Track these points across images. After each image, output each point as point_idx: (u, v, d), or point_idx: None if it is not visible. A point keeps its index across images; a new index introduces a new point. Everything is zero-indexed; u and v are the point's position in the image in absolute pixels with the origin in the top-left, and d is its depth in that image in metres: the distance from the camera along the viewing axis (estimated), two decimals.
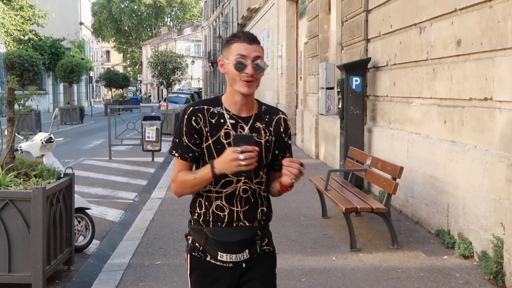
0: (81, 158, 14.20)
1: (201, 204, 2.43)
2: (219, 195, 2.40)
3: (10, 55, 23.77)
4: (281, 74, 19.30)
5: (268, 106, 2.53)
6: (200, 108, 2.40)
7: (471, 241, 5.52)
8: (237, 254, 2.40)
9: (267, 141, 2.43)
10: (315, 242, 6.25)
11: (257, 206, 2.46)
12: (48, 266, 4.72)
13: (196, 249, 2.46)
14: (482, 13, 5.36)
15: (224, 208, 2.40)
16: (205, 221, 2.41)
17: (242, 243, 2.39)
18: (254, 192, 2.44)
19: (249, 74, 2.31)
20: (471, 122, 5.60)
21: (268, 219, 2.53)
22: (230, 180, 2.38)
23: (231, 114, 2.40)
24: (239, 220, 2.41)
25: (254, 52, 2.33)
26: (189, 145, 2.39)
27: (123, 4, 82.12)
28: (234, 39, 2.36)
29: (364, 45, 9.27)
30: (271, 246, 2.55)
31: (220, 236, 2.38)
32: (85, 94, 53.52)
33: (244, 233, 2.40)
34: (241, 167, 2.17)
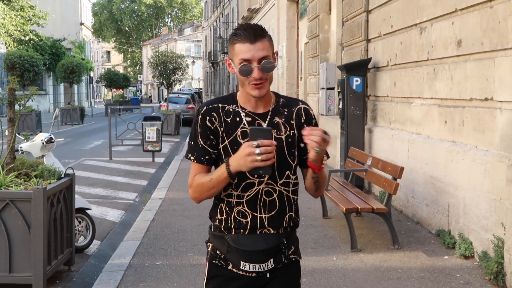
0: (82, 159, 14.20)
1: (222, 210, 2.25)
2: (240, 200, 2.21)
3: (10, 55, 23.78)
4: (282, 74, 19.31)
5: (287, 98, 2.33)
6: (215, 106, 2.24)
7: (471, 241, 5.51)
8: (260, 264, 2.21)
9: (289, 136, 2.23)
10: (316, 242, 6.25)
11: (285, 211, 2.25)
12: (49, 267, 4.71)
13: (217, 257, 2.28)
14: (482, 13, 5.36)
15: (246, 215, 2.22)
16: (226, 228, 2.24)
17: (266, 252, 2.21)
18: (280, 195, 2.24)
19: (256, 78, 2.13)
20: (472, 122, 5.60)
21: (295, 226, 2.33)
22: (251, 182, 2.19)
23: (247, 111, 2.23)
24: (263, 227, 2.22)
25: (259, 53, 2.12)
26: (205, 147, 2.22)
27: (123, 4, 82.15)
28: (236, 39, 2.15)
29: (364, 45, 9.27)
30: (298, 254, 2.36)
31: (242, 245, 2.20)
32: (85, 94, 53.54)
33: (269, 242, 2.21)
34: (257, 162, 2.00)
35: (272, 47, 2.19)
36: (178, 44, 74.52)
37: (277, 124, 2.23)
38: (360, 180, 8.36)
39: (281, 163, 2.21)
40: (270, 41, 2.19)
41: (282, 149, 2.21)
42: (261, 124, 2.21)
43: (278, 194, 2.23)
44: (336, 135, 10.61)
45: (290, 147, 2.23)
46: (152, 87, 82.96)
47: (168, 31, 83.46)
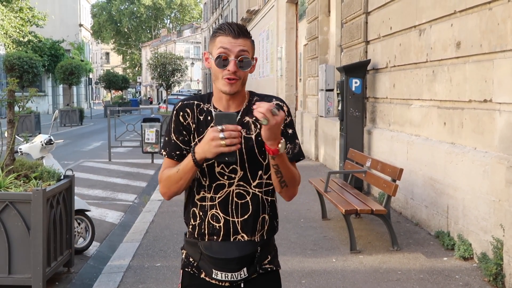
0: (81, 160, 14.20)
1: (196, 214, 2.21)
2: (213, 203, 2.16)
3: (9, 56, 23.79)
4: (281, 76, 19.30)
5: (262, 96, 2.27)
6: (190, 103, 2.22)
7: (471, 243, 5.52)
8: (233, 273, 2.15)
9: (258, 135, 2.15)
10: (315, 244, 6.25)
11: (258, 214, 2.19)
12: (48, 268, 4.71)
13: (190, 264, 2.23)
14: (481, 15, 5.37)
15: (219, 218, 2.16)
16: (200, 234, 2.19)
17: (239, 261, 2.14)
18: (254, 197, 2.18)
19: (230, 72, 2.10)
20: (471, 124, 5.61)
21: (272, 231, 2.26)
22: (222, 183, 2.15)
23: (218, 111, 2.19)
24: (236, 233, 2.16)
25: (239, 47, 2.10)
26: (177, 142, 2.19)
27: (122, 6, 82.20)
28: (219, 32, 2.14)
29: (363, 47, 9.28)
30: (275, 264, 2.27)
31: (214, 252, 2.15)
32: (84, 95, 53.51)
33: (242, 250, 2.15)
34: (222, 147, 1.93)
35: (252, 50, 2.17)
36: (177, 46, 74.55)
37: (247, 123, 2.19)
38: (359, 182, 8.36)
39: (253, 163, 2.16)
40: (252, 44, 2.18)
41: (253, 149, 2.16)
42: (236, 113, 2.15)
43: (252, 196, 2.18)
44: (335, 136, 10.62)
45: (260, 146, 2.16)
46: (151, 88, 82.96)
47: (167, 33, 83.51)
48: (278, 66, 19.77)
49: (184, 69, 24.86)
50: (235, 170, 2.15)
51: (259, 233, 2.20)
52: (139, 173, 12.20)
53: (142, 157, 14.13)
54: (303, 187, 9.01)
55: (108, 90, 48.28)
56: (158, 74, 23.92)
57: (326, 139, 12.03)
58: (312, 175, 9.95)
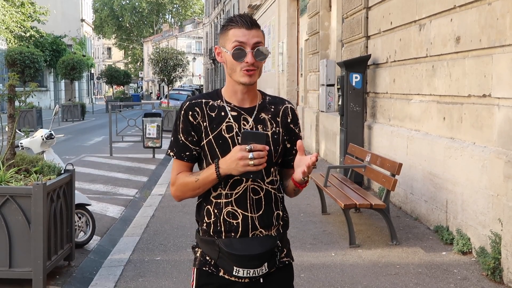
0: (82, 155, 14.23)
1: (210, 212, 2.17)
2: (228, 200, 2.14)
3: (11, 52, 23.84)
4: (282, 71, 19.31)
5: (273, 97, 2.30)
6: (198, 102, 2.19)
7: (469, 237, 5.54)
8: (255, 269, 2.12)
9: (274, 133, 2.19)
10: (315, 238, 6.28)
11: (272, 210, 2.19)
12: (49, 262, 4.74)
13: (207, 263, 2.18)
14: (481, 10, 5.38)
15: (236, 215, 2.13)
16: (216, 232, 2.15)
17: (261, 257, 2.12)
18: (267, 193, 2.18)
19: (249, 63, 2.09)
20: (470, 119, 5.62)
21: (286, 226, 2.27)
22: (239, 179, 2.12)
23: (233, 106, 2.18)
24: (255, 228, 2.14)
25: (254, 38, 2.10)
26: (186, 143, 2.17)
27: (124, 1, 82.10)
28: (231, 25, 2.13)
29: (364, 42, 9.28)
30: (291, 257, 2.29)
31: (236, 250, 2.11)
32: (86, 91, 53.54)
33: (263, 245, 2.13)
34: (249, 167, 1.95)
35: (264, 40, 2.17)
36: (179, 41, 74.50)
37: (263, 120, 2.20)
38: (359, 177, 8.38)
39: (267, 160, 2.10)
40: (263, 34, 2.18)
41: (268, 145, 2.14)
42: (247, 119, 2.17)
43: (265, 192, 2.18)
44: (336, 131, 10.63)
45: (275, 144, 2.18)
46: (153, 83, 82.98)
47: (169, 28, 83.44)
48: (280, 61, 19.77)
49: (185, 64, 24.88)
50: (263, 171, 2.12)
51: (275, 228, 2.20)
52: (140, 168, 12.23)
53: (143, 152, 14.16)
54: None
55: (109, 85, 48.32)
56: (159, 69, 23.95)
57: (327, 134, 12.04)
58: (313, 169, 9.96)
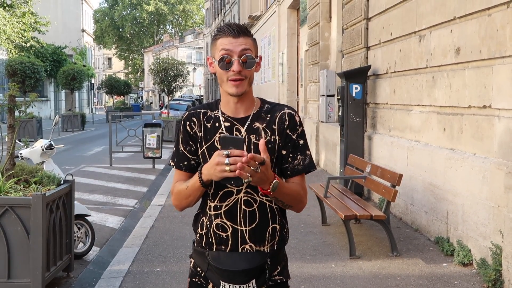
0: (82, 165, 14.22)
1: (203, 223, 2.17)
2: (218, 212, 2.12)
3: (12, 62, 23.86)
4: (282, 81, 19.34)
5: (273, 104, 2.22)
6: (196, 112, 2.20)
7: (470, 249, 5.52)
8: (241, 285, 2.10)
9: (269, 142, 2.12)
10: (315, 249, 6.25)
11: (267, 223, 2.13)
12: (48, 273, 4.72)
13: (197, 274, 2.20)
14: (481, 21, 5.39)
15: (226, 228, 2.11)
16: (207, 244, 2.15)
17: (248, 273, 2.09)
18: (261, 205, 2.12)
19: (235, 72, 2.06)
20: (470, 129, 5.61)
21: (282, 242, 2.19)
22: (230, 190, 2.10)
23: (226, 116, 2.16)
24: (244, 242, 2.11)
25: (241, 46, 2.07)
26: (184, 152, 2.18)
27: (125, 11, 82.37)
28: (219, 34, 2.11)
29: (364, 52, 9.30)
30: (284, 275, 2.20)
31: (222, 264, 2.09)
32: (86, 101, 53.61)
33: (250, 262, 2.09)
34: (226, 173, 1.88)
35: (255, 48, 2.13)
36: (179, 51, 74.66)
37: (256, 129, 2.14)
38: (359, 187, 8.36)
39: None
40: (254, 42, 2.14)
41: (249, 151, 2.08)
42: (239, 129, 2.13)
43: (259, 204, 2.12)
44: (336, 142, 10.63)
45: (270, 154, 2.07)
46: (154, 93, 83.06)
47: (169, 38, 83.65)
48: (280, 72, 19.82)
49: (185, 74, 24.89)
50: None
51: (268, 244, 2.14)
52: (140, 178, 12.22)
53: (143, 162, 14.14)
54: None
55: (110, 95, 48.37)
56: (160, 79, 23.97)
57: (327, 144, 12.04)
58: (313, 180, 9.94)
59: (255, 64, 2.11)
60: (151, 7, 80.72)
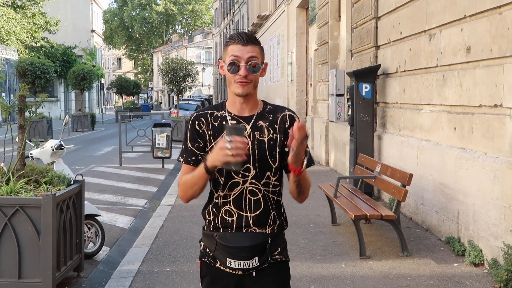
0: (92, 165, 14.27)
1: (210, 211, 2.41)
2: (227, 200, 2.37)
3: (22, 62, 24.00)
4: (291, 81, 19.31)
5: (275, 106, 2.48)
6: (204, 113, 2.43)
7: (481, 249, 5.48)
8: (245, 261, 2.34)
9: (271, 139, 2.37)
10: (325, 249, 6.24)
11: (269, 210, 2.39)
12: (58, 273, 4.73)
13: (206, 255, 2.44)
14: (491, 19, 5.35)
15: (232, 213, 2.37)
16: (215, 227, 2.39)
17: (251, 249, 2.34)
18: (264, 195, 2.37)
19: (242, 76, 2.31)
20: (481, 129, 5.58)
21: (281, 227, 2.45)
22: (236, 181, 2.35)
23: (233, 115, 2.40)
24: (248, 226, 2.36)
25: (248, 53, 2.31)
26: (193, 149, 2.40)
27: (134, 11, 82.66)
28: (230, 41, 2.36)
29: (373, 51, 9.26)
30: (284, 255, 2.46)
31: (228, 241, 2.35)
32: (96, 101, 53.83)
33: (253, 239, 2.35)
34: (228, 157, 2.10)
35: (262, 56, 2.38)
36: (188, 51, 74.82)
37: (260, 127, 2.39)
38: (369, 187, 8.33)
39: (262, 164, 2.35)
40: (261, 50, 2.38)
41: (264, 151, 2.35)
42: (245, 127, 2.35)
43: (262, 194, 2.37)
44: (345, 141, 10.60)
45: (271, 150, 2.36)
46: (163, 93, 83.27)
47: (178, 38, 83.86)
48: (289, 71, 19.78)
49: (195, 74, 24.92)
50: (249, 169, 2.33)
51: (270, 227, 2.39)
52: (150, 178, 12.24)
53: (153, 162, 14.17)
54: (313, 192, 8.96)
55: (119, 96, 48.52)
56: (169, 79, 24.01)
57: (336, 144, 12.01)
58: (323, 180, 9.93)
59: (260, 70, 2.36)
60: (161, 7, 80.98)
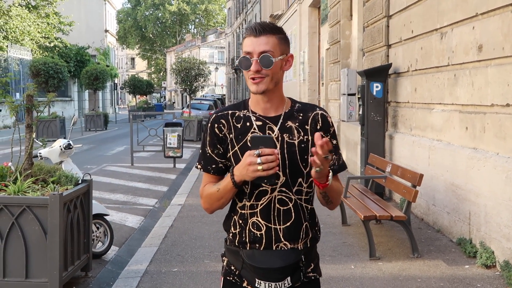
0: (104, 164, 14.31)
1: (236, 222, 2.17)
2: (254, 210, 2.12)
3: (35, 62, 24.16)
4: (303, 80, 19.25)
5: (304, 104, 2.23)
6: (224, 114, 2.19)
7: (493, 251, 5.39)
8: (277, 282, 2.09)
9: (302, 141, 2.12)
10: (334, 250, 6.18)
11: (300, 222, 2.14)
12: (65, 272, 4.72)
13: (231, 273, 2.19)
14: (503, 17, 5.26)
15: (260, 226, 2.11)
16: (241, 242, 2.14)
17: (283, 270, 2.09)
18: (295, 204, 2.12)
19: (253, 71, 2.07)
20: (493, 128, 5.49)
21: (315, 239, 2.21)
22: (264, 189, 2.10)
23: (258, 115, 2.15)
24: (278, 240, 2.11)
25: (260, 46, 2.07)
26: (212, 155, 2.17)
27: (147, 11, 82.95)
28: (245, 34, 2.14)
29: (385, 50, 9.18)
30: (318, 272, 2.23)
31: (257, 262, 2.09)
32: (110, 100, 54.08)
33: (285, 259, 2.09)
34: (259, 172, 1.91)
35: (281, 46, 2.11)
36: (201, 51, 74.96)
37: (289, 128, 2.14)
38: (380, 187, 8.25)
39: (293, 169, 2.10)
40: (280, 40, 2.12)
41: (295, 155, 2.11)
42: (272, 128, 2.13)
43: (294, 203, 2.13)
44: (357, 141, 10.52)
45: (302, 153, 2.12)
46: (176, 93, 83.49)
47: (191, 38, 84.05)
48: (301, 71, 19.72)
49: (207, 73, 24.92)
50: (278, 175, 2.08)
51: (302, 241, 2.15)
52: (161, 178, 12.24)
53: (164, 162, 14.18)
54: None
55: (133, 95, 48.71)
56: (181, 79, 24.04)
57: (348, 143, 11.93)
58: None
59: (273, 63, 2.08)
60: (174, 7, 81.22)
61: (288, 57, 2.16)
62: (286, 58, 2.15)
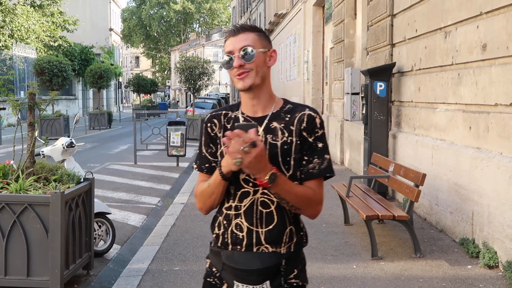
0: (107, 163, 14.32)
1: (220, 223, 2.14)
2: (238, 212, 2.09)
3: (40, 60, 24.21)
4: (307, 79, 19.21)
5: (296, 105, 2.17)
6: (217, 114, 2.20)
7: (496, 251, 5.36)
8: (254, 285, 2.04)
9: (285, 143, 2.07)
10: (336, 249, 6.16)
11: (284, 226, 2.08)
12: (67, 271, 4.72)
13: (212, 274, 2.17)
14: (508, 16, 5.23)
15: (242, 228, 2.08)
16: (223, 243, 2.12)
17: (261, 272, 2.04)
18: (279, 206, 2.07)
19: (236, 67, 2.06)
20: (497, 128, 5.46)
21: (299, 244, 2.13)
22: (247, 191, 2.07)
23: (245, 116, 2.14)
24: (259, 243, 2.06)
25: (240, 43, 2.07)
26: (206, 155, 2.18)
27: (152, 10, 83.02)
28: (225, 36, 2.16)
29: (389, 50, 9.15)
30: (301, 279, 2.13)
31: (236, 263, 2.06)
32: (114, 99, 54.14)
33: (264, 261, 2.04)
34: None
35: (260, 41, 2.10)
36: (206, 50, 74.91)
37: (273, 129, 2.09)
38: (383, 187, 8.22)
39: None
40: (259, 36, 2.11)
41: (276, 156, 2.06)
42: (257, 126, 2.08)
43: (277, 205, 2.07)
44: (360, 140, 10.49)
45: (285, 155, 2.06)
46: (180, 92, 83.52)
47: (196, 37, 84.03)
48: (305, 70, 19.68)
49: (211, 72, 24.91)
50: None
51: (286, 245, 2.09)
52: (164, 176, 12.24)
53: (167, 160, 14.19)
54: (327, 191, 8.85)
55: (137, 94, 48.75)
56: (185, 77, 24.03)
57: (351, 143, 11.90)
58: (337, 179, 9.79)
59: (254, 55, 2.06)
60: (178, 6, 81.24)
61: (271, 52, 2.13)
62: (269, 53, 2.13)
